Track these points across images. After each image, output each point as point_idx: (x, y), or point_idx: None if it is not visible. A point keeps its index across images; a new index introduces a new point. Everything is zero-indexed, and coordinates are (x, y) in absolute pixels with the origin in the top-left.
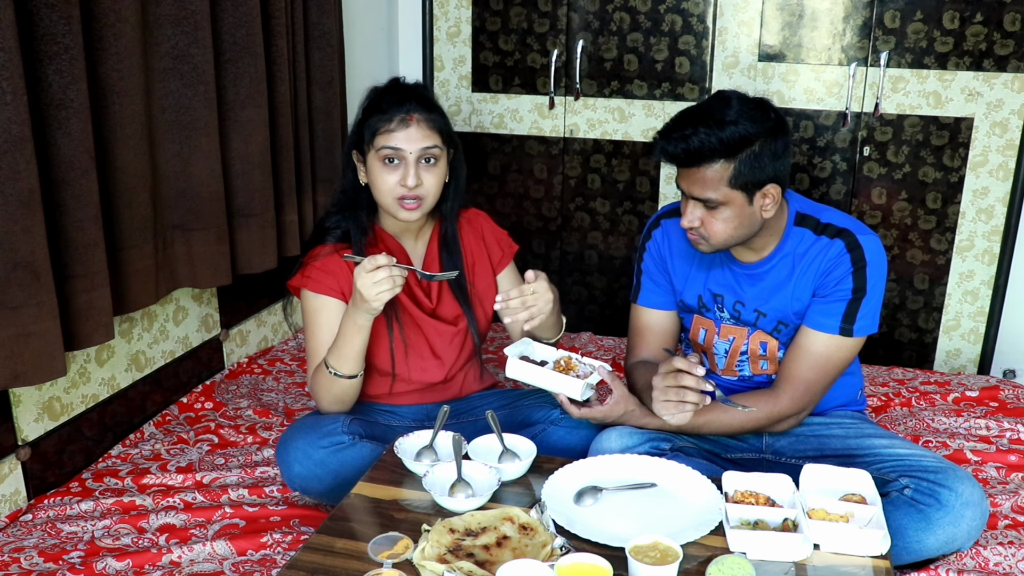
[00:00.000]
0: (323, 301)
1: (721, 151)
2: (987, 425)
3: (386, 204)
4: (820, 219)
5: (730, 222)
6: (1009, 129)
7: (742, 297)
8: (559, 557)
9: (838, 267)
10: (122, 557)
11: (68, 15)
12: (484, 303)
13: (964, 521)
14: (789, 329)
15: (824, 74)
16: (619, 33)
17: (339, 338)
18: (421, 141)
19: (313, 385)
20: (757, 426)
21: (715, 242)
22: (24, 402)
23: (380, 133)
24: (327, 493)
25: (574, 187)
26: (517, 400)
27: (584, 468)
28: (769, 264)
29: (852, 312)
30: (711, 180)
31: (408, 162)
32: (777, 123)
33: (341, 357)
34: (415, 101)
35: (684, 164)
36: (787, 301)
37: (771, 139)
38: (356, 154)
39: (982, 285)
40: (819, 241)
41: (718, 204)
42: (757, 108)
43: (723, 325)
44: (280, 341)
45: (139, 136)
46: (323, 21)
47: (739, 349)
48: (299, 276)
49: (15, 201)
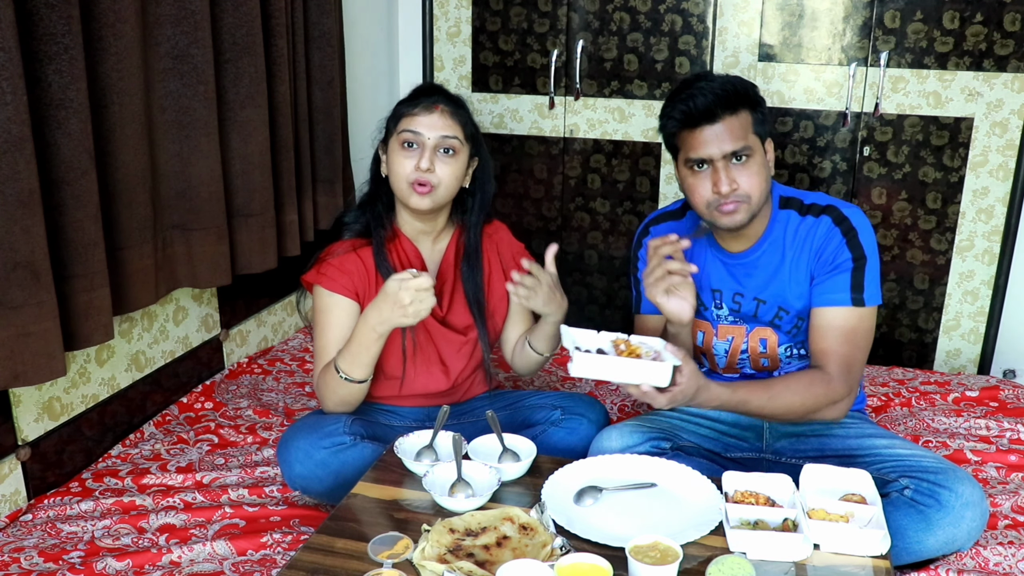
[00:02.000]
0: (336, 300)
1: (746, 97)
2: (987, 425)
3: (400, 190)
4: (804, 200)
5: (760, 175)
6: (1009, 129)
7: (740, 288)
8: (559, 557)
9: (830, 242)
10: (122, 557)
11: (68, 15)
12: (496, 316)
13: (964, 522)
14: (790, 316)
15: (824, 74)
16: (619, 33)
17: (354, 344)
18: (441, 129)
19: (319, 385)
20: (805, 411)
21: (755, 199)
22: (24, 402)
23: (403, 117)
24: (328, 493)
25: (574, 187)
26: (518, 401)
27: (584, 468)
28: (760, 250)
29: (858, 281)
30: (740, 127)
31: (426, 147)
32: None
33: (355, 362)
34: (443, 95)
35: (713, 116)
36: (785, 284)
37: (761, 97)
38: (381, 146)
39: (982, 285)
40: (805, 221)
41: (750, 154)
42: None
43: (720, 326)
44: (280, 341)
45: (139, 136)
46: (323, 21)
47: (739, 348)
48: (314, 271)
49: (15, 201)
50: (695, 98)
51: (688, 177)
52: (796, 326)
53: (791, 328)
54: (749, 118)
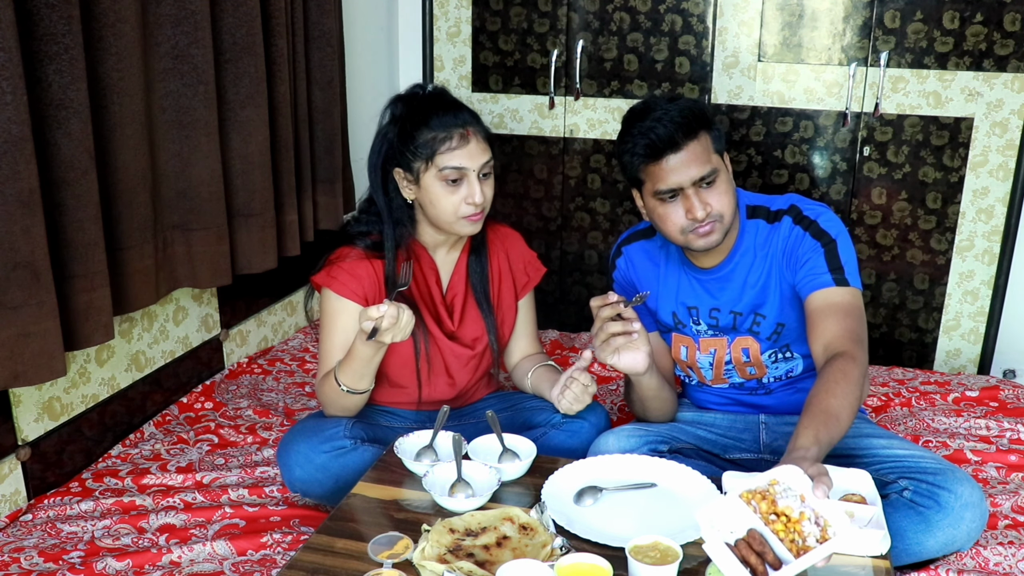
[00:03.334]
0: (344, 304)
1: (702, 118)
2: (987, 425)
3: (448, 222)
4: (771, 207)
5: (728, 192)
6: (1009, 129)
7: (715, 303)
8: (559, 557)
9: (794, 239)
10: (122, 557)
11: (68, 15)
12: (503, 327)
13: (964, 523)
14: (768, 322)
15: (824, 74)
16: (619, 33)
17: (354, 360)
18: (481, 156)
19: (321, 391)
20: (859, 398)
21: (727, 217)
22: (24, 402)
23: (440, 153)
24: (328, 496)
25: (574, 187)
26: (519, 403)
27: (584, 468)
28: (732, 263)
29: (834, 262)
30: (703, 151)
31: (471, 179)
32: None
33: (355, 376)
34: (466, 112)
35: (677, 145)
36: (759, 293)
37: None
38: (401, 172)
39: (982, 285)
40: (774, 228)
41: (716, 175)
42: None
43: (702, 339)
44: (280, 341)
45: (139, 136)
46: (323, 21)
47: (723, 360)
48: (325, 274)
49: (15, 201)
50: (655, 130)
51: (658, 208)
52: (776, 332)
53: (771, 334)
54: (708, 139)
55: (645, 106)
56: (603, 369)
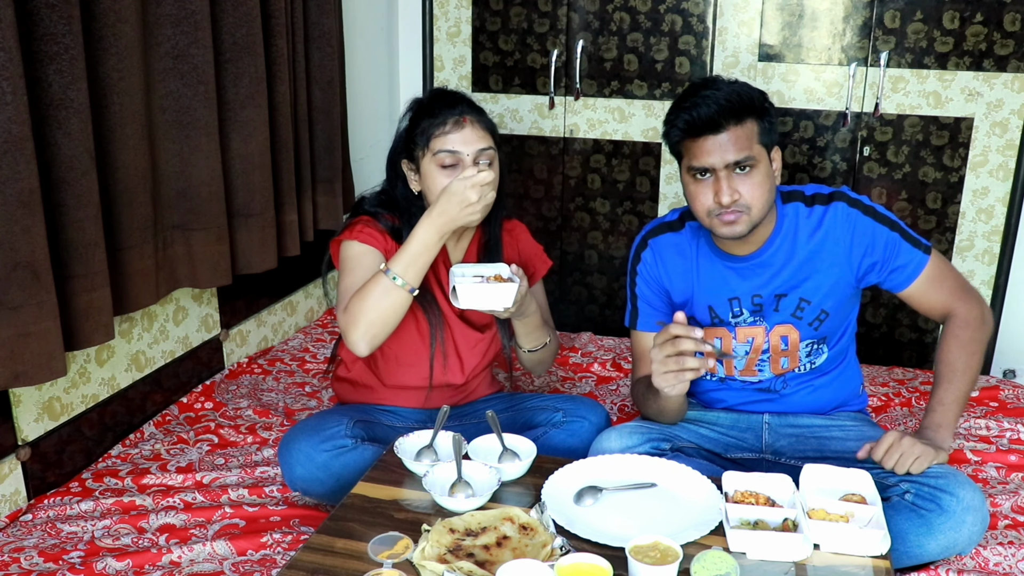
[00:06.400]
0: (368, 249)
1: (751, 106)
2: (987, 425)
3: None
4: (805, 192)
5: (764, 185)
6: (1009, 129)
7: (756, 288)
8: (559, 557)
9: (861, 227)
10: (122, 557)
11: (68, 15)
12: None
13: (965, 527)
14: (812, 307)
15: (824, 74)
16: (619, 33)
17: (415, 244)
18: (476, 142)
19: (352, 307)
20: (981, 350)
21: (756, 210)
22: (24, 402)
23: (435, 137)
24: (328, 495)
25: (574, 187)
26: (519, 403)
27: (584, 468)
28: (771, 249)
29: (910, 238)
30: (745, 138)
31: (465, 164)
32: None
33: (412, 265)
34: (465, 104)
35: (717, 127)
36: (805, 275)
37: (770, 105)
38: (407, 163)
39: (982, 285)
40: (814, 210)
41: (753, 164)
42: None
43: (739, 328)
44: (280, 341)
45: (139, 136)
46: (323, 21)
47: (760, 348)
48: (347, 232)
49: (15, 201)
50: (698, 107)
51: (691, 184)
52: (818, 318)
53: (813, 320)
54: (755, 127)
55: (704, 82)
56: (603, 369)
